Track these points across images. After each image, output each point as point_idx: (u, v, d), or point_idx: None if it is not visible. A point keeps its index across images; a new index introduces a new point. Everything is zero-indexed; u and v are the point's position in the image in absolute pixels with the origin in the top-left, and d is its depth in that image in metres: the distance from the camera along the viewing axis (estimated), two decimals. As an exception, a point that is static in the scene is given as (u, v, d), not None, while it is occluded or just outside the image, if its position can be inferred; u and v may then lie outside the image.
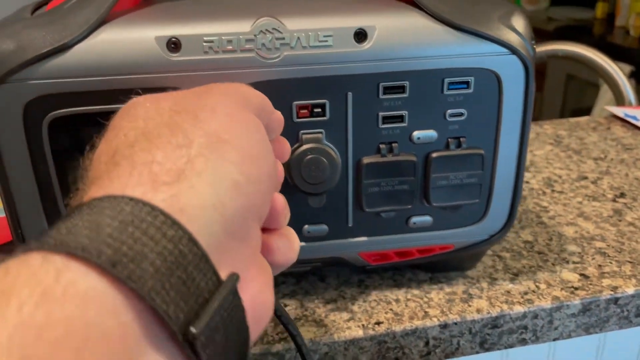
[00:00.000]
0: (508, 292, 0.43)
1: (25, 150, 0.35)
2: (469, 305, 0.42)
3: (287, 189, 0.39)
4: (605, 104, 2.01)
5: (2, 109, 0.34)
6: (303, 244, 0.41)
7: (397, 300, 0.43)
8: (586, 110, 2.10)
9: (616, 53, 1.35)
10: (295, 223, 0.40)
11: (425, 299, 0.43)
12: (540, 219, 0.55)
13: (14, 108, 0.34)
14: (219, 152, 0.22)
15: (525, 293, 0.43)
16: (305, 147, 0.37)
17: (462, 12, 0.37)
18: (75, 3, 0.35)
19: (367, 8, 0.37)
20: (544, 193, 0.60)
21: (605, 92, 2.03)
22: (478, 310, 0.41)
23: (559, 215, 0.55)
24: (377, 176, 0.39)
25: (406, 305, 0.42)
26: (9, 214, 0.37)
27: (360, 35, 0.36)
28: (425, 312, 0.41)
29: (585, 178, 0.63)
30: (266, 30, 0.35)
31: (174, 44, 0.35)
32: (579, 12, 2.43)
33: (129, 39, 0.34)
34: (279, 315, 0.32)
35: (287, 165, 0.38)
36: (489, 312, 0.41)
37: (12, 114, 0.34)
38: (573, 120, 0.84)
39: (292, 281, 0.45)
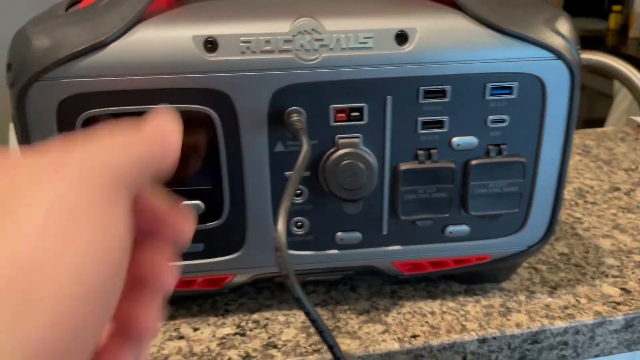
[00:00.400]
0: (547, 306, 0.42)
1: (57, 150, 0.35)
2: (508, 319, 0.40)
3: (321, 194, 0.38)
4: (620, 115, 1.98)
5: (35, 107, 0.33)
6: (335, 251, 0.40)
7: (433, 313, 0.41)
8: (598, 121, 2.07)
9: (630, 64, 1.33)
10: (328, 230, 0.39)
11: (462, 312, 0.41)
12: (575, 230, 0.53)
13: (48, 106, 0.33)
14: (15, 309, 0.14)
15: (566, 307, 0.42)
16: (341, 152, 0.36)
17: (506, 14, 0.36)
18: (111, 1, 0.35)
19: (408, 10, 0.36)
20: (577, 204, 0.58)
21: (620, 103, 2.00)
22: (517, 325, 0.40)
23: (593, 227, 0.53)
24: (415, 183, 0.38)
25: (442, 318, 0.41)
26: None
27: (401, 37, 0.35)
28: (463, 325, 0.40)
29: (618, 189, 0.62)
30: (305, 31, 0.34)
31: (210, 44, 0.34)
32: (592, 24, 2.41)
33: (166, 38, 0.34)
34: (315, 323, 0.30)
35: (322, 171, 0.37)
36: (529, 327, 0.40)
37: (46, 112, 0.34)
38: (600, 130, 0.83)
39: (322, 290, 0.44)
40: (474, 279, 0.45)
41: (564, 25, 0.37)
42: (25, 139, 0.34)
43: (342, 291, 0.44)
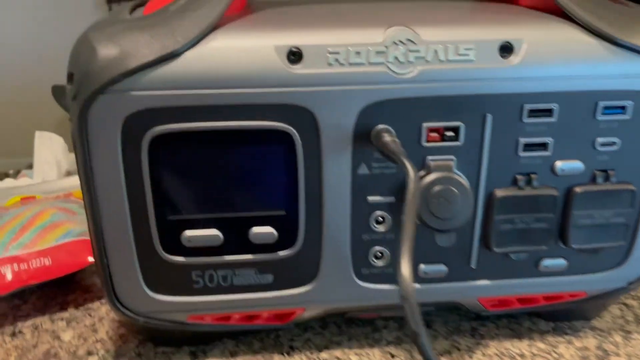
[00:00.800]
0: (648, 349, 0.38)
1: (120, 169, 0.31)
2: (608, 365, 0.36)
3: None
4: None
5: (99, 122, 0.30)
6: (417, 285, 0.36)
7: (522, 355, 0.37)
8: None
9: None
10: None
11: (555, 355, 0.37)
12: (658, 261, 0.48)
13: (113, 122, 0.30)
14: None
15: (669, 351, 0.37)
16: (433, 176, 0.32)
17: (622, 26, 0.32)
18: (183, 5, 0.31)
19: (513, 18, 0.32)
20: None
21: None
22: (620, 371, 0.36)
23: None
24: (512, 212, 0.34)
25: (534, 361, 0.37)
26: (94, 238, 0.33)
27: (506, 49, 0.31)
28: (559, 371, 0.36)
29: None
30: (399, 41, 0.31)
31: (295, 55, 0.30)
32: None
33: (245, 48, 0.30)
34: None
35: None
36: (633, 374, 0.36)
37: (110, 128, 0.30)
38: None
39: (394, 326, 0.40)
40: (562, 316, 0.40)
41: (684, 38, 0.33)
42: (85, 158, 0.31)
43: (417, 327, 0.40)
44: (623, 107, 0.32)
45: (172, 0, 0.33)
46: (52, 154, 1.06)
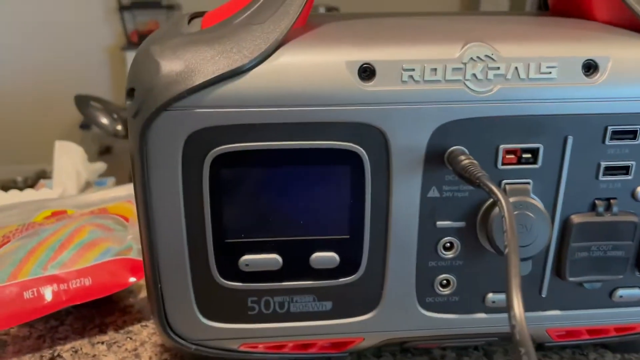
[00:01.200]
0: None
1: (178, 189, 0.29)
2: (687, 402, 0.34)
3: (475, 249, 0.32)
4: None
5: (161, 140, 0.28)
6: (483, 315, 0.34)
7: (593, 390, 0.35)
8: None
9: None
10: (478, 290, 0.33)
11: (627, 390, 0.35)
12: None
13: (175, 140, 0.28)
14: None
15: None
16: (510, 200, 0.30)
17: None
18: (247, 18, 0.30)
19: (596, 35, 0.31)
20: None
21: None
22: (701, 410, 0.33)
23: None
24: (589, 239, 0.32)
25: (606, 398, 0.34)
26: (147, 261, 0.31)
27: (590, 67, 0.29)
28: (636, 409, 0.34)
29: None
30: (478, 57, 0.29)
31: (367, 71, 0.28)
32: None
33: (315, 64, 0.28)
34: None
35: (483, 222, 0.31)
36: None
37: (172, 146, 0.28)
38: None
39: (451, 356, 0.38)
40: (630, 347, 0.38)
41: None
42: (143, 176, 0.29)
43: (476, 357, 0.38)
44: None
45: (233, 13, 0.31)
46: (72, 164, 1.05)
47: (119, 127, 0.87)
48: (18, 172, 2.71)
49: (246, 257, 0.31)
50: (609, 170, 0.31)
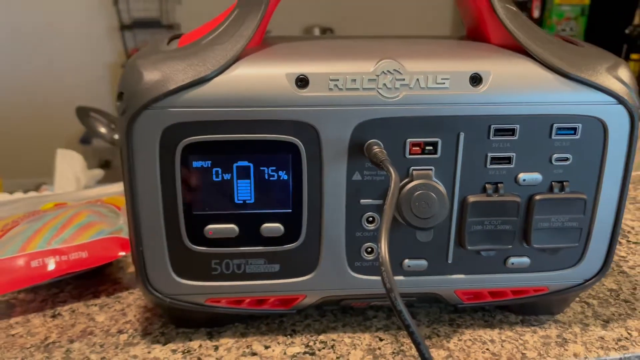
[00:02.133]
0: (602, 338, 0.43)
1: (157, 171, 0.38)
2: (565, 349, 0.42)
3: (393, 222, 0.41)
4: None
5: (142, 133, 0.37)
6: (401, 277, 0.42)
7: (492, 341, 0.43)
8: None
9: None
10: (396, 257, 0.42)
11: (521, 341, 0.43)
12: (621, 268, 0.55)
13: (153, 133, 0.37)
14: None
15: (619, 340, 0.43)
16: (415, 182, 0.39)
17: (571, 61, 0.39)
18: (212, 40, 0.38)
19: (482, 54, 0.39)
20: (620, 243, 0.60)
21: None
22: (575, 355, 0.41)
23: (638, 266, 0.55)
24: (482, 215, 0.40)
25: (502, 347, 0.42)
26: (132, 231, 0.39)
27: (476, 79, 0.38)
28: (523, 353, 0.42)
29: (660, 233, 0.63)
30: (387, 71, 0.38)
31: (302, 81, 0.37)
32: None
33: (262, 75, 0.37)
34: (414, 336, 0.32)
35: (397, 201, 0.40)
36: (585, 357, 0.41)
37: (151, 137, 0.37)
38: (635, 174, 0.85)
39: (382, 316, 0.46)
40: (529, 310, 0.46)
41: (625, 73, 0.39)
42: (129, 161, 0.37)
43: (403, 317, 0.46)
44: (574, 129, 0.39)
45: (202, 35, 0.40)
46: (72, 170, 1.13)
47: (117, 136, 0.95)
48: (17, 186, 2.78)
49: (209, 226, 0.40)
50: (495, 160, 0.40)
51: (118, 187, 0.65)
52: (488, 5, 0.41)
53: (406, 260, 0.42)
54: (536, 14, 2.85)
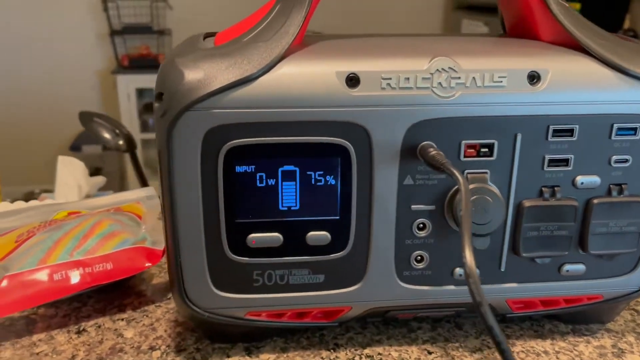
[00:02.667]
0: (659, 348, 0.42)
1: (198, 176, 0.35)
2: (624, 360, 0.40)
3: (444, 229, 0.38)
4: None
5: (184, 135, 0.34)
6: (452, 287, 0.40)
7: (546, 352, 0.41)
8: None
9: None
10: (447, 265, 0.39)
11: (575, 352, 0.41)
12: (662, 275, 0.53)
13: (195, 135, 0.34)
14: None
15: (677, 350, 0.41)
16: (470, 186, 0.37)
17: (630, 59, 0.37)
18: (254, 37, 0.36)
19: (539, 52, 0.37)
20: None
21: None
22: (635, 366, 0.40)
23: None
24: (537, 220, 0.39)
25: (557, 358, 0.40)
26: (170, 240, 0.37)
27: (534, 78, 0.36)
28: (581, 364, 0.40)
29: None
30: (442, 69, 0.36)
31: (353, 79, 0.35)
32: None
33: (311, 73, 0.35)
34: (505, 354, 0.29)
35: (449, 205, 0.38)
36: (646, 368, 0.40)
37: (193, 141, 0.35)
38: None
39: (427, 327, 0.44)
40: (579, 319, 0.44)
41: (685, 70, 0.38)
42: (169, 166, 0.35)
43: (448, 329, 0.44)
44: (634, 129, 0.37)
45: (242, 33, 0.37)
46: (73, 177, 1.10)
47: (121, 142, 0.93)
48: (6, 194, 2.73)
49: (253, 235, 0.37)
50: (552, 162, 0.38)
51: (134, 195, 0.62)
52: (540, 2, 0.39)
53: (457, 269, 0.40)
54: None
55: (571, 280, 0.41)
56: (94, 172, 2.89)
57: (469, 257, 0.29)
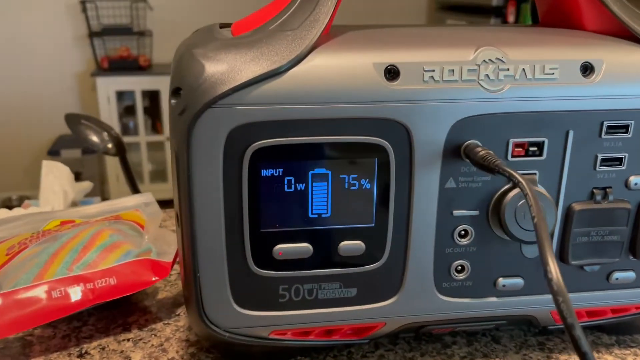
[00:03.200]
0: None
1: (219, 180, 0.32)
2: (679, 374, 0.37)
3: (487, 236, 0.35)
4: None
5: (206, 134, 0.30)
6: (494, 298, 0.37)
7: (595, 366, 0.38)
8: None
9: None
10: (490, 275, 0.36)
11: (626, 366, 0.38)
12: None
13: (218, 134, 0.31)
14: None
15: None
16: (517, 190, 0.34)
17: (688, 49, 0.34)
18: (280, 25, 0.32)
19: (592, 41, 0.34)
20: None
21: None
22: (692, 380, 0.37)
23: None
24: (588, 225, 0.35)
25: (608, 372, 0.37)
26: (187, 251, 0.33)
27: (587, 69, 0.33)
28: (635, 380, 0.37)
29: None
30: (489, 59, 0.32)
31: (392, 72, 0.32)
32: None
33: (345, 65, 0.31)
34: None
35: (495, 210, 0.34)
36: None
37: (215, 140, 0.31)
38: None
39: (463, 342, 0.40)
40: (623, 330, 0.41)
41: None
42: (188, 169, 0.31)
43: (485, 343, 0.40)
44: (692, 125, 0.35)
45: (265, 22, 0.34)
46: (58, 183, 1.05)
47: (110, 146, 0.88)
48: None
49: (280, 246, 0.33)
50: (605, 162, 0.35)
51: (132, 201, 0.58)
52: (587, -13, 0.36)
53: (500, 279, 0.36)
54: (511, 19, 2.86)
55: (620, 289, 0.38)
56: (74, 176, 2.82)
57: (554, 271, 0.26)
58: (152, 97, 3.00)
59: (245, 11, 0.41)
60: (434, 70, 0.32)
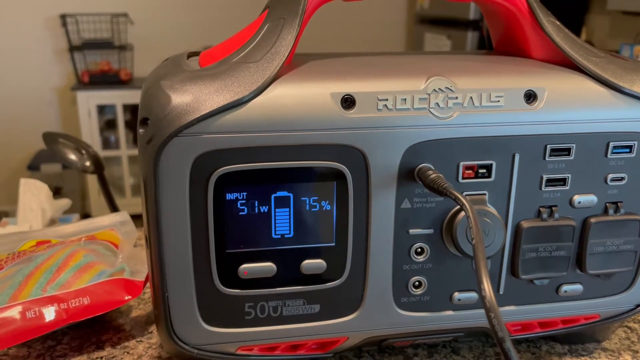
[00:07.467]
0: (656, 366, 0.41)
1: (186, 205, 0.33)
2: (625, 381, 0.40)
3: (442, 253, 0.37)
4: None
5: (172, 161, 0.32)
6: (450, 312, 0.39)
7: (547, 375, 0.40)
8: None
9: None
10: (446, 290, 0.38)
11: (576, 374, 0.40)
12: (648, 289, 0.53)
13: (184, 162, 0.32)
14: None
15: (674, 367, 0.41)
16: (469, 209, 0.36)
17: (623, 76, 0.37)
18: (244, 57, 0.34)
19: (534, 70, 0.37)
20: None
21: None
22: (636, 386, 0.39)
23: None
24: (536, 241, 0.38)
25: (558, 380, 0.40)
26: (156, 272, 0.34)
27: (531, 97, 0.35)
28: (583, 387, 0.39)
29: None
30: (439, 89, 0.34)
31: (348, 101, 0.34)
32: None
33: (305, 95, 0.33)
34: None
35: (448, 228, 0.36)
36: (647, 388, 0.39)
37: (181, 167, 0.32)
38: None
39: (424, 354, 0.42)
40: (575, 339, 0.44)
41: (676, 87, 0.38)
42: (155, 195, 0.33)
43: (445, 354, 0.42)
44: (630, 147, 0.37)
45: (229, 54, 0.36)
46: (36, 201, 1.05)
47: (88, 163, 0.89)
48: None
49: (245, 265, 0.35)
50: (550, 182, 0.37)
51: (107, 220, 0.59)
52: (532, 20, 0.38)
53: (456, 294, 0.38)
54: (487, 32, 2.92)
55: (569, 301, 0.40)
56: (54, 192, 2.80)
57: (487, 289, 0.28)
58: (133, 110, 3.00)
59: (224, 27, 0.42)
60: (387, 100, 0.34)
